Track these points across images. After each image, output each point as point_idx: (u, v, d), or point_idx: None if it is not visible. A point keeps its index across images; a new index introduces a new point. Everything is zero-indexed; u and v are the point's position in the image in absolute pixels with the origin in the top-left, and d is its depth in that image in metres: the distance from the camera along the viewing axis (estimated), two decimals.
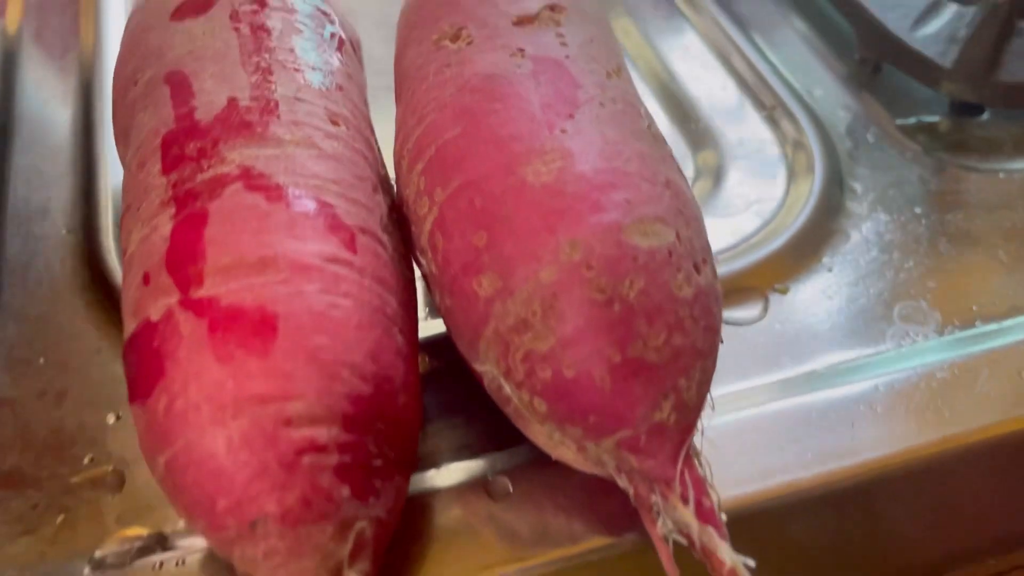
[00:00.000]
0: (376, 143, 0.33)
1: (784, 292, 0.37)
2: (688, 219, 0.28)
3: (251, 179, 0.27)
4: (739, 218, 0.41)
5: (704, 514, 0.26)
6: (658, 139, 0.30)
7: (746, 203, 0.41)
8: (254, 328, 0.24)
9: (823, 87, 0.47)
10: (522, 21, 0.32)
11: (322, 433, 0.24)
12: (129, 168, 0.30)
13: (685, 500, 0.26)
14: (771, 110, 0.45)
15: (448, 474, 0.32)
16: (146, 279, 0.26)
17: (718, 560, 0.25)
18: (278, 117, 0.29)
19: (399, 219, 0.32)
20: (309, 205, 0.27)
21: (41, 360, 0.35)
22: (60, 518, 0.30)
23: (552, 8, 0.33)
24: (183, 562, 0.29)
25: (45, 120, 0.45)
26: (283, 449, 0.24)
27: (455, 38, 0.32)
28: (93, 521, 0.30)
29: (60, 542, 0.30)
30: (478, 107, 0.29)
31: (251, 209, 0.27)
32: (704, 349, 0.27)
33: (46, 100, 0.46)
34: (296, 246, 0.26)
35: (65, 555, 0.30)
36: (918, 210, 0.41)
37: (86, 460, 0.32)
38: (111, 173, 0.42)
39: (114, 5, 0.52)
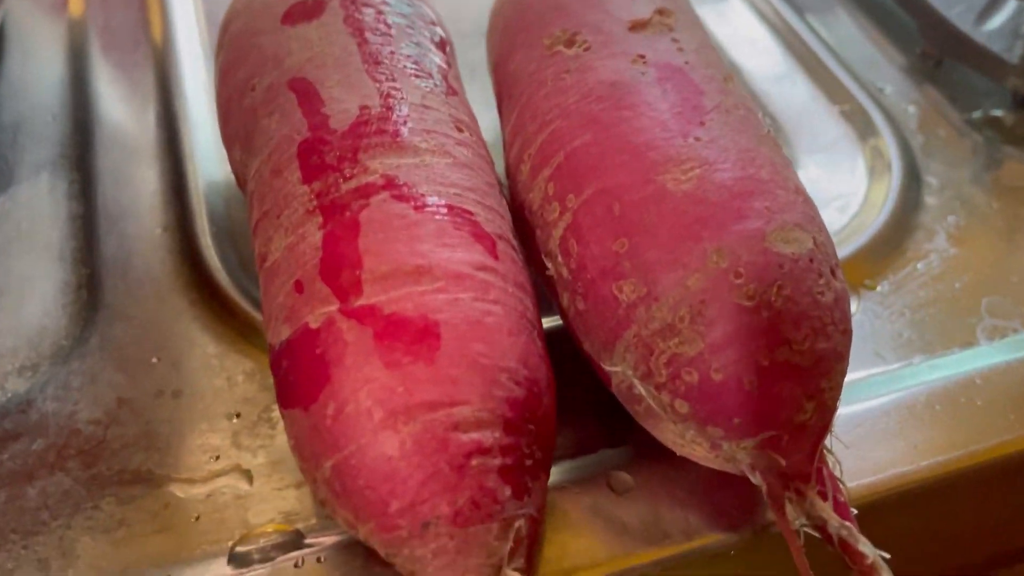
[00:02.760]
0: (486, 145, 0.34)
1: (873, 288, 0.38)
2: (820, 225, 0.29)
3: (396, 189, 0.28)
4: (822, 213, 0.41)
5: (840, 509, 0.27)
6: (778, 144, 0.31)
7: (827, 198, 0.42)
8: (418, 335, 0.25)
9: (890, 82, 0.48)
10: (636, 26, 0.33)
11: (487, 436, 0.25)
12: (260, 176, 0.30)
13: (823, 496, 0.27)
14: (843, 106, 0.46)
15: (567, 469, 0.32)
16: (299, 287, 0.27)
17: (859, 554, 0.26)
18: (411, 125, 0.30)
19: (514, 220, 0.32)
20: (453, 214, 0.28)
21: (154, 360, 0.36)
22: (194, 516, 0.31)
23: (661, 12, 0.34)
24: (322, 559, 0.30)
25: (123, 117, 0.45)
26: (453, 453, 0.24)
27: (570, 43, 0.33)
28: (227, 518, 0.31)
29: (196, 539, 0.31)
30: (606, 115, 0.30)
31: (401, 218, 0.27)
32: (842, 351, 0.28)
33: (123, 97, 0.46)
34: (448, 255, 0.27)
35: (202, 553, 0.30)
36: (994, 205, 0.42)
37: (212, 459, 0.33)
38: (200, 172, 0.42)
39: None
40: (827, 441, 0.29)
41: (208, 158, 0.42)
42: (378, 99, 0.30)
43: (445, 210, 0.28)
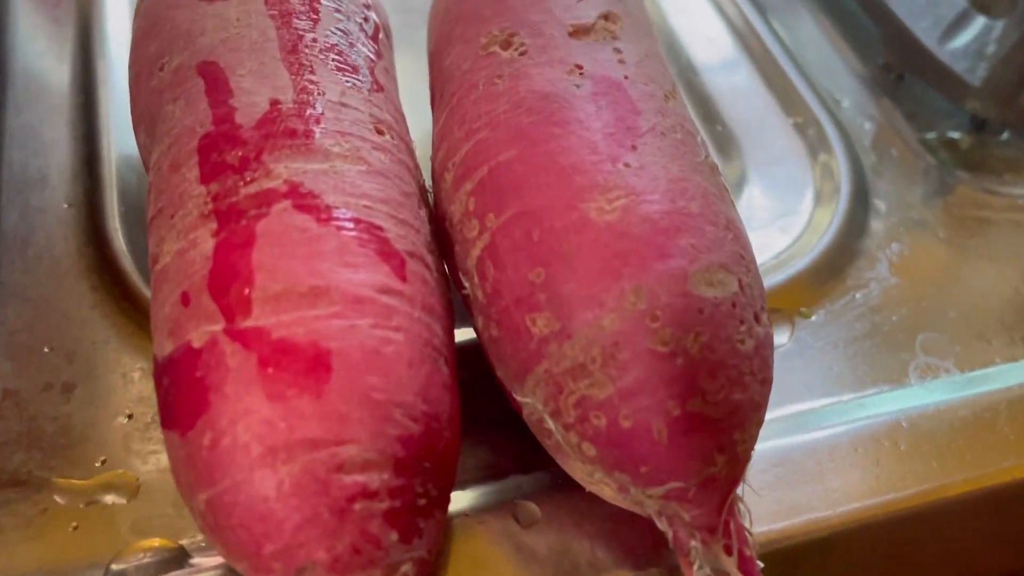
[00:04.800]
0: (413, 146, 0.32)
1: (808, 316, 0.37)
2: (748, 263, 0.27)
3: (300, 198, 0.26)
4: (764, 233, 0.40)
5: (745, 564, 0.26)
6: (714, 170, 0.30)
7: (771, 216, 0.41)
8: (307, 366, 0.23)
9: (848, 94, 0.47)
10: (578, 32, 0.31)
11: (373, 479, 0.23)
12: (159, 168, 0.28)
13: (728, 551, 0.26)
14: (797, 118, 0.45)
15: (474, 496, 0.31)
16: (185, 299, 0.25)
17: None
18: (324, 125, 0.28)
19: (436, 230, 0.31)
20: (360, 229, 0.26)
21: (46, 348, 0.34)
22: (73, 525, 0.29)
23: (607, 17, 0.32)
24: None
25: (41, 75, 0.42)
26: (335, 496, 0.23)
27: (506, 45, 0.31)
28: (107, 529, 0.29)
29: (73, 550, 0.29)
30: (535, 130, 0.28)
31: (301, 232, 0.25)
32: (760, 401, 0.26)
33: (41, 53, 0.43)
34: (349, 275, 0.25)
35: (78, 565, 0.29)
36: (941, 234, 0.41)
37: (98, 463, 0.31)
38: (114, 143, 0.39)
39: None
40: (739, 488, 0.27)
41: (126, 129, 0.40)
42: (292, 93, 0.28)
43: (351, 224, 0.26)
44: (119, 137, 0.39)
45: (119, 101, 0.41)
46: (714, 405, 0.25)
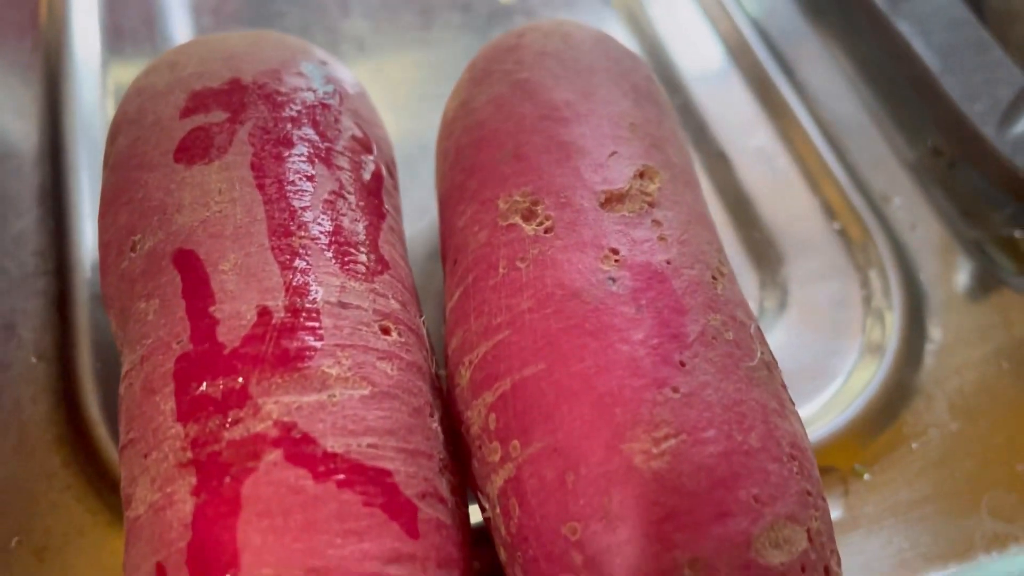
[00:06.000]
0: (424, 329, 0.28)
1: (861, 476, 0.33)
2: (815, 498, 0.23)
3: (293, 444, 0.22)
4: (808, 366, 0.36)
5: None
6: (771, 368, 0.26)
7: (815, 355, 0.37)
8: None
9: (898, 188, 0.42)
10: (611, 200, 0.27)
11: None
12: (131, 385, 0.24)
13: None
14: (844, 223, 0.40)
15: None
16: (161, 573, 0.21)
17: None
18: (321, 341, 0.24)
19: (451, 430, 0.27)
20: (365, 481, 0.22)
21: (13, 542, 0.30)
22: None
23: (643, 175, 0.28)
24: None
25: (5, 200, 0.38)
26: None
27: (529, 216, 0.27)
28: None
29: None
30: (567, 340, 0.24)
31: (295, 493, 0.21)
32: None
33: (6, 173, 0.39)
34: (351, 548, 0.21)
35: None
36: (1004, 365, 0.37)
37: None
38: (85, 286, 0.35)
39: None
40: None
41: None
42: (283, 297, 0.24)
43: (354, 476, 0.22)
44: (93, 273, 0.35)
45: (92, 224, 0.36)
46: None
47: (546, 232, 0.26)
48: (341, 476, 0.22)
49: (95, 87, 0.41)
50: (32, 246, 0.36)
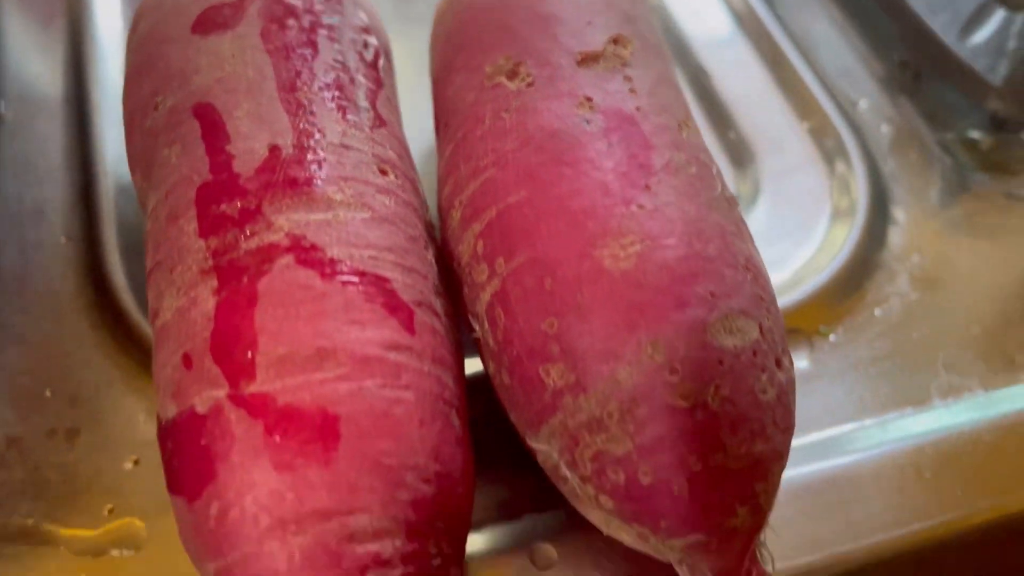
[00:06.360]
0: (419, 180, 0.31)
1: (826, 336, 0.36)
2: (768, 305, 0.26)
3: (303, 251, 0.25)
4: (779, 248, 0.39)
5: None
6: (732, 204, 0.28)
7: (786, 230, 0.40)
8: (315, 432, 0.23)
9: (865, 94, 0.45)
10: (586, 60, 0.30)
11: (387, 546, 0.23)
12: (156, 217, 0.27)
13: None
14: (812, 122, 0.43)
15: (489, 537, 0.30)
16: (187, 361, 0.24)
17: None
18: (325, 171, 0.27)
19: (443, 267, 0.30)
20: (366, 282, 0.25)
21: (48, 392, 0.33)
22: None
23: (616, 41, 0.31)
24: None
25: (34, 102, 0.41)
26: (347, 567, 0.22)
27: (512, 75, 0.30)
28: None
29: None
30: (545, 171, 0.27)
31: (305, 289, 0.24)
32: (782, 451, 0.25)
33: (35, 77, 0.42)
34: (355, 334, 0.24)
35: None
36: (962, 244, 0.40)
37: (105, 511, 0.30)
38: (110, 172, 0.38)
39: None
40: (762, 534, 0.27)
41: (122, 156, 0.39)
42: (291, 137, 0.27)
43: (357, 279, 0.25)
44: (114, 168, 0.38)
45: (114, 127, 0.39)
46: (735, 458, 0.24)
47: (527, 87, 0.29)
48: (345, 277, 0.25)
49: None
50: (59, 144, 0.39)
